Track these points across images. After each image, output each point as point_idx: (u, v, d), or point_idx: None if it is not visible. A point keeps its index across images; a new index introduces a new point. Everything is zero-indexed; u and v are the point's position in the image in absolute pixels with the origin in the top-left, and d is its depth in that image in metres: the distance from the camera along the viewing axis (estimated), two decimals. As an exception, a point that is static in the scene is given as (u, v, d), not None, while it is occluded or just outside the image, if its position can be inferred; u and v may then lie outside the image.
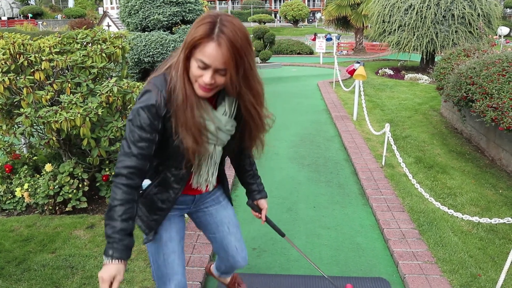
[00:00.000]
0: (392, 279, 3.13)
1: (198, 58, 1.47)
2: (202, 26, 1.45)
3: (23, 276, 3.04)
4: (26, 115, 3.59)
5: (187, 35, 1.50)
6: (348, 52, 20.44)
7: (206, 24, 1.45)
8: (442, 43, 11.59)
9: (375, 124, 7.08)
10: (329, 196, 4.50)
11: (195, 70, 1.50)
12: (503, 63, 5.00)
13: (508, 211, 4.06)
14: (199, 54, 1.46)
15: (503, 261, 3.22)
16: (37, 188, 3.98)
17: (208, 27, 1.44)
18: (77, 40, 4.21)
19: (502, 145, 5.28)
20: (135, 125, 1.55)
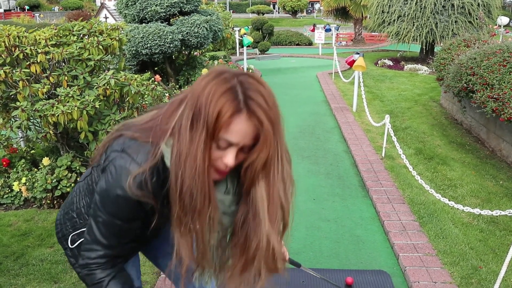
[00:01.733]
0: (392, 271, 3.11)
1: (220, 137, 1.11)
2: (222, 97, 1.08)
3: (21, 271, 3.03)
4: (23, 108, 3.55)
5: (197, 107, 1.10)
6: (347, 43, 20.33)
7: (227, 93, 1.09)
8: (441, 33, 11.51)
9: (375, 116, 7.05)
10: (329, 188, 4.48)
11: (213, 152, 1.14)
12: (503, 53, 4.96)
13: (508, 203, 4.05)
14: (223, 133, 1.10)
15: (504, 253, 3.21)
16: (34, 182, 3.96)
17: (230, 96, 1.09)
18: (73, 32, 4.15)
19: (502, 136, 5.25)
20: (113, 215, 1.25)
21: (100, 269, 1.31)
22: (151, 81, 4.60)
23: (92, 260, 1.30)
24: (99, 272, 1.31)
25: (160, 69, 8.79)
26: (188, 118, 1.12)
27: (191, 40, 7.80)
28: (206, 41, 8.10)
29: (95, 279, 1.31)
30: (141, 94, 4.06)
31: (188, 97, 1.14)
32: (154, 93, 4.61)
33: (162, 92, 5.46)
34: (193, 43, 7.86)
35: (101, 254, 1.29)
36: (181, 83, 8.55)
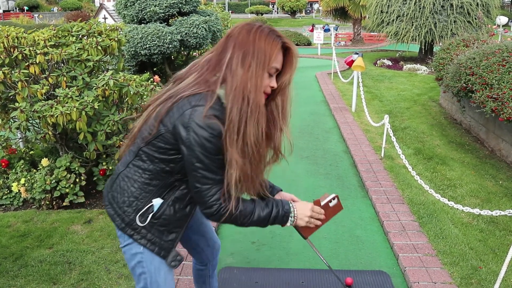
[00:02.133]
0: (392, 272, 3.11)
1: (271, 67, 1.51)
2: (268, 38, 1.50)
3: (20, 272, 3.02)
4: (21, 109, 3.54)
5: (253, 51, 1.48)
6: (346, 43, 20.34)
7: (270, 35, 1.51)
8: (440, 33, 11.52)
9: (374, 116, 7.05)
10: (328, 189, 4.47)
11: (266, 80, 1.52)
12: (503, 53, 4.96)
13: (508, 202, 4.05)
14: (272, 62, 1.51)
15: (504, 253, 3.21)
16: (33, 183, 3.95)
17: (273, 36, 1.52)
18: (72, 33, 4.15)
19: (501, 135, 5.25)
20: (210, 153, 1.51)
21: (228, 200, 1.55)
22: (150, 82, 4.60)
23: (219, 200, 1.54)
24: (234, 203, 1.55)
25: (159, 70, 8.79)
26: (238, 59, 1.48)
27: (190, 40, 7.80)
28: (205, 42, 8.10)
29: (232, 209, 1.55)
30: (140, 94, 4.05)
31: (233, 48, 1.50)
32: (153, 93, 4.60)
33: (161, 92, 5.46)
34: (192, 43, 7.86)
35: (221, 191, 1.54)
36: (180, 84, 8.55)
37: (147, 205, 1.65)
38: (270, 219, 1.67)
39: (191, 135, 1.48)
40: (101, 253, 3.25)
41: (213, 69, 1.54)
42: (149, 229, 1.67)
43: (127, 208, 1.67)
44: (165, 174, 1.62)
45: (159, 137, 1.57)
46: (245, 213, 1.60)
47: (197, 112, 1.47)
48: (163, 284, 1.76)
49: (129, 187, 1.67)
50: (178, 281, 2.89)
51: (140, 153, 1.64)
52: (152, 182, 1.64)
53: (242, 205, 1.59)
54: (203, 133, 1.47)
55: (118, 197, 1.69)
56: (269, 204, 1.67)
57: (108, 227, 3.61)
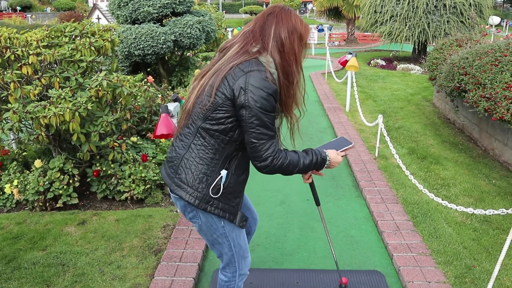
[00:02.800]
0: (386, 271, 3.12)
1: (306, 41, 1.90)
2: (302, 21, 1.87)
3: (13, 274, 3.00)
4: (14, 110, 3.51)
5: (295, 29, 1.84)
6: (340, 43, 20.38)
7: (302, 20, 1.88)
8: (434, 33, 11.58)
9: (368, 115, 7.07)
10: (322, 189, 4.48)
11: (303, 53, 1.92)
12: (495, 53, 4.98)
13: (501, 201, 4.07)
14: (306, 39, 1.90)
15: (498, 252, 3.23)
16: (26, 184, 3.92)
17: (302, 20, 1.89)
18: (65, 34, 4.12)
19: (494, 135, 5.28)
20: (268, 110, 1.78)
21: (281, 153, 1.84)
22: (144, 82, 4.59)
23: (274, 152, 1.80)
24: (282, 154, 1.84)
25: (153, 70, 8.75)
26: (285, 34, 1.81)
27: (183, 41, 7.78)
28: (199, 42, 8.08)
29: (283, 160, 1.84)
30: (134, 95, 4.04)
31: (276, 24, 1.82)
32: (147, 94, 4.59)
33: (154, 93, 5.44)
34: (185, 44, 7.84)
35: (274, 144, 1.81)
36: (174, 84, 8.52)
37: (217, 178, 1.88)
38: (311, 165, 1.95)
39: (249, 96, 1.72)
40: (95, 254, 3.23)
41: (255, 40, 1.82)
42: (220, 198, 1.91)
43: (199, 184, 1.88)
44: (226, 145, 1.85)
45: (218, 108, 1.79)
46: (293, 163, 1.87)
47: (251, 76, 1.73)
48: (244, 245, 2.12)
49: (197, 165, 1.88)
50: (173, 282, 2.88)
51: (200, 131, 1.86)
52: (216, 156, 1.86)
53: (290, 156, 1.86)
54: (260, 93, 1.72)
55: (188, 178, 1.89)
56: (309, 152, 1.96)
57: (101, 229, 3.59)
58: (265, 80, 1.73)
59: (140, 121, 5.11)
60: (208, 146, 1.85)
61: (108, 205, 4.05)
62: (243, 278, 2.23)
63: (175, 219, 3.74)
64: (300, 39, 1.85)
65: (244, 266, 2.19)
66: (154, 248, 3.32)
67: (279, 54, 1.80)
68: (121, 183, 4.01)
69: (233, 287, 2.21)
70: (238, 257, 2.13)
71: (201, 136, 1.85)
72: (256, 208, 4.02)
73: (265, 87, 1.72)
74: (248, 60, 1.78)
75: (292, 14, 1.85)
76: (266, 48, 1.81)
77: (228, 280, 2.20)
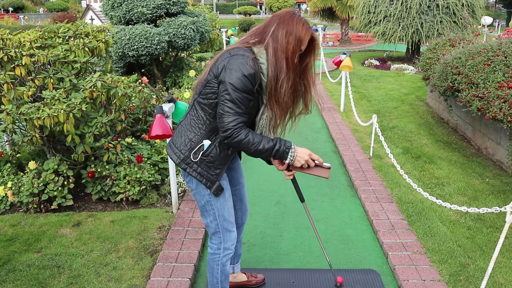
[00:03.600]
0: (382, 270, 3.13)
1: (303, 45, 2.04)
2: (304, 26, 2.02)
3: (8, 277, 2.98)
4: (8, 112, 3.49)
5: (294, 31, 1.99)
6: (334, 43, 20.43)
7: (305, 24, 2.02)
8: (427, 33, 11.64)
9: (362, 115, 7.09)
10: (317, 188, 4.49)
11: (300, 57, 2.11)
12: (488, 53, 5.02)
13: (494, 200, 4.10)
14: (303, 45, 2.05)
15: (491, 250, 3.25)
16: (21, 186, 3.90)
17: (307, 26, 2.04)
18: (58, 34, 4.11)
19: (487, 134, 5.32)
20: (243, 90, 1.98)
21: (242, 129, 1.99)
22: (138, 83, 4.58)
23: (235, 126, 1.97)
24: (243, 131, 1.99)
25: (147, 71, 8.73)
26: (283, 34, 1.98)
27: (178, 41, 7.77)
28: (193, 43, 8.07)
29: (242, 136, 1.99)
30: (128, 96, 4.03)
31: (278, 24, 2.00)
32: (141, 95, 4.58)
33: (149, 94, 5.44)
34: (180, 44, 7.83)
35: (239, 120, 1.98)
36: (168, 85, 8.51)
37: (199, 145, 2.14)
38: (273, 151, 2.06)
39: (227, 74, 1.95)
40: (90, 256, 3.22)
41: (256, 34, 2.05)
42: (199, 164, 2.16)
43: (184, 147, 2.17)
44: (213, 119, 2.09)
45: (207, 84, 2.05)
46: (252, 142, 2.01)
47: (233, 59, 1.97)
48: (228, 217, 2.32)
49: (186, 131, 2.18)
50: (169, 283, 2.88)
51: (195, 103, 2.15)
52: (203, 127, 2.13)
53: (251, 136, 2.00)
54: (236, 73, 1.94)
55: (177, 140, 2.20)
56: (274, 139, 2.09)
57: (97, 230, 3.58)
58: (245, 64, 1.94)
59: (135, 122, 5.10)
60: (198, 117, 2.13)
61: (103, 207, 4.04)
62: (228, 254, 2.39)
63: (171, 220, 3.73)
64: (299, 42, 1.99)
65: (229, 240, 2.36)
66: (150, 249, 3.31)
67: (272, 50, 1.97)
68: (116, 184, 4.00)
69: (217, 261, 2.39)
70: (222, 229, 2.33)
71: (195, 108, 2.15)
72: (252, 208, 4.04)
73: (241, 69, 1.93)
74: (239, 48, 2.02)
75: (296, 18, 2.00)
76: (262, 42, 2.01)
77: (213, 252, 2.39)
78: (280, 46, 1.97)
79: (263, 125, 2.13)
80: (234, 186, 2.56)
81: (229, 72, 1.95)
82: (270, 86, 2.01)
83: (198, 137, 2.14)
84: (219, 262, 2.38)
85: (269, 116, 2.10)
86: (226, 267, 2.42)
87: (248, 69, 1.94)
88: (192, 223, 3.64)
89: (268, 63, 1.98)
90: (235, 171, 2.55)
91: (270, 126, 2.15)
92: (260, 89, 2.04)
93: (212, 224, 2.33)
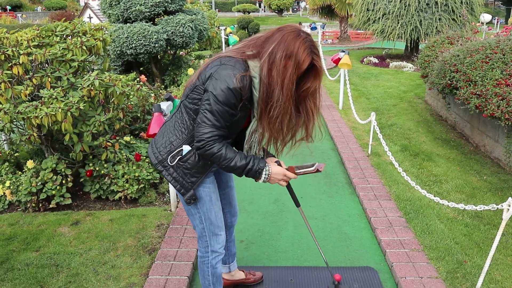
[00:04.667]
0: (380, 267, 3.14)
1: (301, 70, 1.92)
2: (306, 51, 1.88)
3: (7, 276, 2.98)
4: (5, 111, 3.49)
5: (293, 54, 1.86)
6: (333, 41, 20.42)
7: (308, 50, 1.89)
8: (426, 30, 11.63)
9: (361, 113, 7.10)
10: (315, 186, 4.50)
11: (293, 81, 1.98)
12: (486, 50, 5.03)
13: (492, 197, 4.11)
14: (301, 68, 1.92)
15: (488, 247, 3.26)
16: (19, 185, 3.90)
17: (309, 51, 1.91)
18: (56, 33, 4.10)
19: (486, 131, 5.33)
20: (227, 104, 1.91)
21: (216, 143, 1.93)
22: (137, 82, 4.57)
23: (209, 138, 1.91)
24: (216, 145, 1.93)
25: (146, 69, 8.73)
26: (281, 55, 1.83)
27: (176, 39, 7.76)
28: (191, 41, 8.06)
29: (215, 150, 1.93)
30: (126, 94, 4.03)
31: (278, 43, 1.86)
32: (140, 93, 4.58)
33: (147, 92, 5.43)
34: (178, 42, 7.82)
35: (215, 133, 1.92)
36: (167, 83, 8.50)
37: (178, 149, 2.07)
38: (245, 170, 2.00)
39: (211, 83, 1.88)
40: (89, 255, 3.23)
41: (255, 46, 1.93)
42: (176, 168, 2.10)
43: (163, 148, 2.11)
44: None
45: (195, 89, 1.98)
46: (225, 157, 1.95)
47: (221, 68, 1.88)
48: (215, 221, 2.27)
49: (168, 133, 2.11)
50: (167, 281, 2.88)
51: (181, 106, 2.09)
52: (185, 132, 2.07)
53: (225, 151, 1.95)
54: (221, 84, 1.86)
55: (159, 141, 2.15)
56: (248, 157, 2.01)
57: (95, 229, 3.59)
58: (232, 76, 1.85)
59: (133, 120, 5.10)
60: (182, 121, 2.07)
61: (101, 205, 4.04)
62: (217, 256, 2.35)
63: (169, 218, 3.74)
64: (296, 67, 1.86)
65: (216, 243, 2.31)
66: (148, 248, 3.32)
67: (267, 70, 1.86)
68: (115, 183, 4.00)
69: (207, 263, 2.36)
70: (209, 232, 2.29)
71: (181, 110, 2.09)
72: (249, 207, 4.04)
73: (227, 81, 1.85)
74: (232, 57, 1.92)
75: (299, 40, 1.85)
76: (259, 58, 1.90)
77: (202, 256, 2.36)
78: (276, 69, 1.84)
79: (254, 140, 2.06)
80: (223, 190, 2.51)
81: (214, 82, 1.87)
82: (260, 106, 1.92)
83: (179, 141, 2.08)
84: (209, 264, 2.36)
85: (261, 134, 2.02)
86: (217, 269, 2.39)
87: (234, 83, 1.85)
88: (190, 222, 3.64)
89: (260, 81, 1.88)
90: (224, 175, 2.49)
91: (261, 145, 2.08)
92: (250, 103, 1.96)
93: (198, 228, 2.29)
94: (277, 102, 1.87)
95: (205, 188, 2.19)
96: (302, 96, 2.01)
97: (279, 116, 1.93)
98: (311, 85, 1.97)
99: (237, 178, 3.28)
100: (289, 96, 1.88)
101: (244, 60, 1.91)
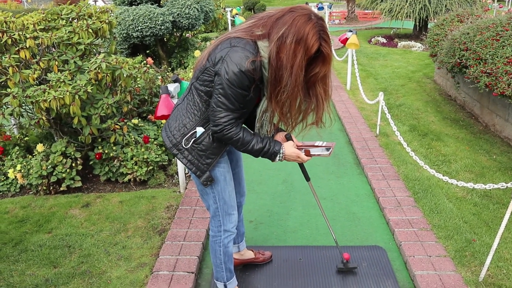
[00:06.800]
0: (388, 246, 3.16)
1: (310, 54, 1.88)
2: (315, 36, 1.84)
3: (21, 257, 3.04)
4: (14, 95, 3.51)
5: (303, 39, 1.82)
6: (340, 21, 20.15)
7: (317, 35, 1.85)
8: (435, 9, 11.42)
9: (369, 93, 7.04)
10: (324, 167, 4.50)
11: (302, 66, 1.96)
12: (497, 28, 4.93)
13: (501, 176, 4.09)
14: (310, 52, 1.88)
15: (497, 226, 3.26)
16: (30, 168, 3.95)
17: (318, 36, 1.86)
18: (62, 16, 4.09)
19: (495, 111, 5.27)
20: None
21: (234, 127, 1.96)
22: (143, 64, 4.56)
23: (226, 122, 1.93)
24: (234, 129, 1.96)
25: (152, 52, 8.70)
26: (292, 40, 1.80)
27: (182, 21, 7.70)
28: (197, 22, 8.00)
29: (234, 134, 1.96)
30: (134, 77, 4.03)
31: (289, 26, 1.81)
32: (147, 76, 4.58)
33: (154, 74, 5.43)
34: (184, 24, 7.76)
35: (231, 117, 1.93)
36: (173, 65, 8.48)
37: (192, 131, 2.08)
38: (261, 152, 2.05)
39: (223, 66, 1.85)
40: (100, 236, 3.28)
41: (264, 26, 1.88)
42: (191, 151, 2.11)
43: (177, 132, 2.11)
44: (208, 106, 2.02)
45: (205, 71, 1.95)
46: (243, 141, 1.99)
47: (232, 51, 1.85)
48: (229, 201, 2.29)
49: (181, 116, 2.11)
50: (178, 261, 2.92)
51: (192, 88, 2.07)
52: (198, 114, 2.06)
53: (242, 134, 1.98)
54: (233, 67, 1.83)
55: (171, 124, 2.14)
56: (265, 140, 2.05)
57: (106, 210, 3.63)
58: (244, 58, 1.83)
59: (140, 103, 5.11)
60: (194, 103, 2.06)
61: (111, 187, 4.08)
62: (229, 235, 2.38)
63: (178, 200, 3.77)
64: (305, 51, 1.83)
65: (228, 223, 2.34)
66: (158, 228, 3.36)
67: (275, 53, 1.83)
68: (124, 165, 4.03)
69: (219, 242, 2.38)
70: (222, 212, 2.31)
71: (192, 93, 2.07)
72: (258, 187, 4.06)
73: (240, 64, 1.83)
74: (242, 38, 1.88)
75: (310, 24, 1.81)
76: (268, 39, 1.86)
77: (214, 235, 2.38)
78: (286, 54, 1.82)
79: (265, 119, 2.07)
80: (234, 169, 2.53)
81: (226, 65, 1.84)
82: (269, 89, 1.92)
83: (192, 123, 2.08)
84: (221, 243, 2.38)
85: (272, 113, 2.03)
86: (229, 248, 2.41)
87: (246, 65, 1.83)
88: (199, 202, 3.68)
89: (269, 63, 1.86)
90: (235, 154, 2.52)
91: (271, 123, 2.10)
92: (262, 84, 1.95)
93: (212, 208, 2.31)
94: (285, 87, 1.86)
95: (220, 168, 2.20)
96: (312, 81, 1.99)
97: (287, 100, 1.93)
98: (320, 71, 1.95)
99: (245, 159, 3.29)
100: (298, 81, 1.87)
101: (254, 41, 1.87)
